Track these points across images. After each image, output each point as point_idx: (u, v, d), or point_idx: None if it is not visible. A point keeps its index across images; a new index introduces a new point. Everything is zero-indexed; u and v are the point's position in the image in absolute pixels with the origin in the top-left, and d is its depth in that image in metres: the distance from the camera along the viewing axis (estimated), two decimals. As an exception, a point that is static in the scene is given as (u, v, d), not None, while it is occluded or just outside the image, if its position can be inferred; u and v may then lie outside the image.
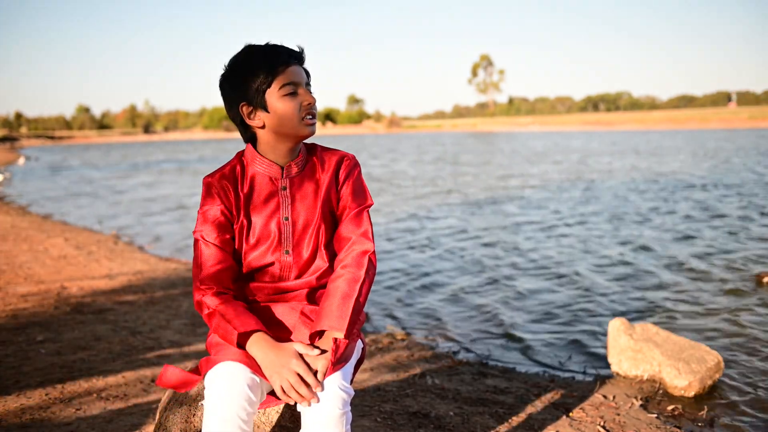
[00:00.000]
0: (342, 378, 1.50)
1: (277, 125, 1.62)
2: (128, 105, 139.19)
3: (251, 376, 1.49)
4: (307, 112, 1.62)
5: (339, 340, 1.53)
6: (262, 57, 1.60)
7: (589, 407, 2.81)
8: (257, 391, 1.51)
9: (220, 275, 1.62)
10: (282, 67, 1.59)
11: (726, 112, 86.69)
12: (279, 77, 1.59)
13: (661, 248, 6.63)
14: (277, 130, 1.63)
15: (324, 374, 1.49)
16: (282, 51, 1.62)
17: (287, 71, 1.60)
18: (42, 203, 12.85)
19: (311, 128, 1.64)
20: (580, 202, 10.58)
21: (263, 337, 1.53)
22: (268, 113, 1.62)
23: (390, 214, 9.96)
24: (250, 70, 1.60)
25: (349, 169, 1.71)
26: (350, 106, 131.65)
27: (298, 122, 1.62)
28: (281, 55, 1.60)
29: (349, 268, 1.62)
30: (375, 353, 3.59)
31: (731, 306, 4.52)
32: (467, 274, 5.84)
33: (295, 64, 1.62)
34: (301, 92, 1.62)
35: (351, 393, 1.49)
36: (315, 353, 1.51)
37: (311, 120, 1.64)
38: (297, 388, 1.46)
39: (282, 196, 1.68)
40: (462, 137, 56.02)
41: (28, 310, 4.27)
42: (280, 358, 1.49)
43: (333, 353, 1.51)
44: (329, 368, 1.50)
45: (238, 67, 1.62)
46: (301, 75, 1.63)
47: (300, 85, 1.62)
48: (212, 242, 1.64)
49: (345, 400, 1.47)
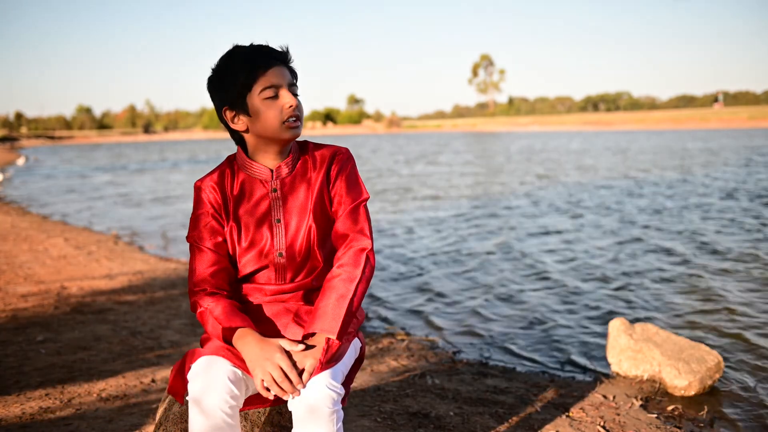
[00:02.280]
0: (331, 377, 1.49)
1: (260, 129, 1.60)
2: (128, 105, 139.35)
3: (233, 369, 1.49)
4: (289, 114, 1.59)
5: (330, 340, 1.53)
6: (242, 60, 1.57)
7: (589, 407, 2.81)
8: (240, 385, 1.50)
9: (213, 277, 1.62)
10: (262, 69, 1.57)
11: (712, 112, 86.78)
12: (259, 80, 1.57)
13: (661, 248, 6.63)
14: (260, 134, 1.61)
15: (311, 373, 1.48)
16: (263, 52, 1.58)
17: (268, 73, 1.57)
18: (42, 203, 12.85)
19: (294, 131, 1.61)
20: (579, 202, 10.58)
21: (249, 332, 1.53)
22: (250, 117, 1.60)
23: (390, 212, 9.97)
24: (230, 73, 1.58)
25: (341, 164, 1.69)
26: (350, 106, 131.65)
27: (279, 126, 1.59)
28: (261, 57, 1.57)
29: (346, 267, 1.61)
30: (375, 353, 3.59)
31: (731, 306, 4.52)
32: (467, 274, 5.83)
33: (278, 65, 1.59)
34: (282, 94, 1.59)
35: (341, 392, 1.49)
36: (300, 349, 1.51)
37: (294, 123, 1.60)
38: (279, 382, 1.45)
39: (273, 198, 1.67)
40: (458, 137, 56.00)
41: (28, 310, 4.27)
42: (264, 351, 1.48)
43: (323, 353, 1.50)
44: (318, 367, 1.49)
45: (220, 71, 1.60)
46: (284, 76, 1.60)
47: (281, 87, 1.59)
48: (205, 246, 1.64)
49: (334, 399, 1.46)
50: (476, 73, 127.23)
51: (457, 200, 11.55)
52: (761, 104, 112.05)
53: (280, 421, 1.77)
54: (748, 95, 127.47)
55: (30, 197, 14.12)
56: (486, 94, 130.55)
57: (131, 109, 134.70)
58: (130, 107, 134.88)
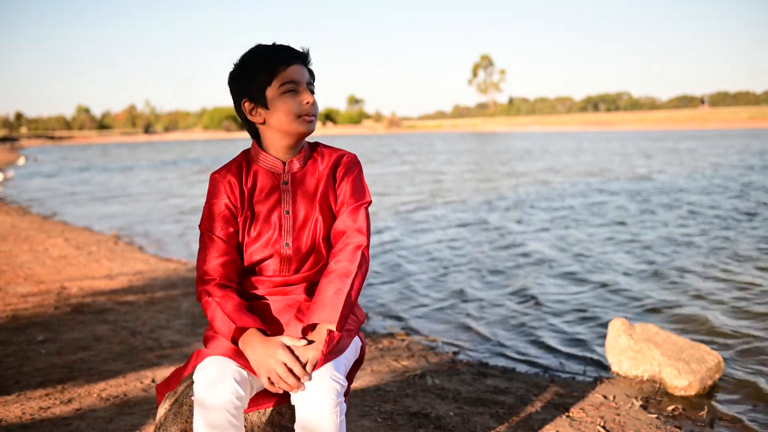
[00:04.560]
0: (334, 369, 1.52)
1: (277, 122, 1.66)
2: (128, 105, 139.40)
3: (239, 370, 1.52)
4: (306, 111, 1.66)
5: (331, 332, 1.56)
6: (265, 56, 1.65)
7: (589, 407, 2.81)
8: (246, 386, 1.53)
9: (223, 267, 1.67)
10: (283, 66, 1.64)
11: (698, 113, 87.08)
12: (279, 75, 1.64)
13: (660, 248, 6.63)
14: (277, 127, 1.67)
15: (314, 365, 1.51)
16: (285, 50, 1.66)
17: (288, 70, 1.64)
18: (42, 203, 12.85)
19: (309, 126, 1.68)
20: (577, 202, 10.58)
21: (255, 333, 1.57)
22: (268, 110, 1.66)
23: (390, 212, 9.97)
24: (252, 67, 1.65)
25: (347, 167, 1.75)
26: (350, 106, 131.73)
27: (296, 119, 1.65)
28: (283, 54, 1.65)
29: (342, 263, 1.64)
30: (375, 353, 3.59)
31: (731, 306, 4.52)
32: (467, 274, 5.84)
33: (298, 63, 1.66)
34: (301, 91, 1.66)
35: (344, 384, 1.51)
36: (302, 344, 1.54)
37: (310, 118, 1.67)
38: (284, 378, 1.48)
39: (283, 191, 1.72)
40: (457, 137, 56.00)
41: (28, 310, 4.27)
42: (267, 350, 1.52)
43: (325, 344, 1.53)
44: (320, 359, 1.52)
45: (243, 65, 1.68)
46: (303, 75, 1.67)
47: (300, 84, 1.66)
48: (217, 235, 1.69)
49: (338, 391, 1.48)
50: (476, 74, 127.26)
51: (456, 200, 11.56)
52: (761, 104, 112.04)
53: (281, 421, 1.77)
54: (748, 95, 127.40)
55: (30, 197, 14.12)
56: (486, 94, 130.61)
57: (131, 109, 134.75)
58: (130, 107, 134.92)
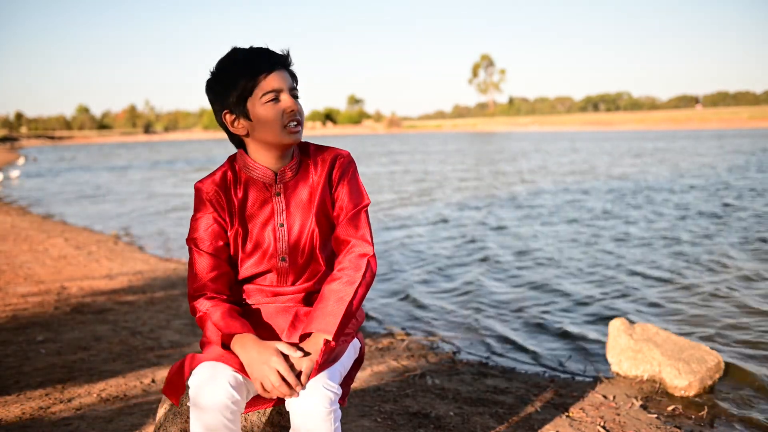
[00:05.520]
0: (328, 377, 1.50)
1: (260, 134, 1.59)
2: (128, 105, 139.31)
3: (234, 375, 1.48)
4: (290, 119, 1.58)
5: (328, 342, 1.52)
6: (243, 64, 1.55)
7: (589, 407, 2.81)
8: (242, 390, 1.50)
9: (213, 282, 1.61)
10: (263, 74, 1.55)
11: (695, 113, 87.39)
12: (260, 85, 1.55)
13: (660, 248, 6.63)
14: (261, 138, 1.60)
15: (308, 376, 1.48)
16: (264, 56, 1.57)
17: (269, 78, 1.56)
18: (42, 203, 12.85)
19: (295, 136, 1.60)
20: (578, 203, 10.58)
21: (248, 336, 1.52)
22: (251, 121, 1.58)
23: (389, 212, 9.97)
24: (231, 78, 1.56)
25: (343, 168, 1.68)
26: (350, 106, 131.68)
27: (280, 130, 1.57)
28: (263, 61, 1.56)
29: (347, 271, 1.60)
30: (375, 353, 3.59)
31: (731, 306, 4.52)
32: (467, 274, 5.83)
33: (278, 69, 1.57)
34: (283, 99, 1.58)
35: (338, 392, 1.49)
36: (298, 354, 1.49)
37: (295, 128, 1.59)
38: (277, 386, 1.45)
39: (276, 202, 1.66)
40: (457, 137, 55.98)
41: (28, 310, 4.27)
42: (261, 355, 1.47)
43: (321, 355, 1.50)
44: (314, 369, 1.49)
45: (220, 75, 1.58)
46: (285, 80, 1.58)
47: (282, 92, 1.57)
48: (205, 250, 1.62)
49: (331, 399, 1.46)
50: (476, 74, 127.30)
51: (455, 200, 11.55)
52: (761, 104, 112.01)
53: (280, 421, 1.77)
54: (747, 95, 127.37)
55: (30, 197, 14.12)
56: (486, 94, 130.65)
57: (131, 109, 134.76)
58: (130, 107, 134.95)
